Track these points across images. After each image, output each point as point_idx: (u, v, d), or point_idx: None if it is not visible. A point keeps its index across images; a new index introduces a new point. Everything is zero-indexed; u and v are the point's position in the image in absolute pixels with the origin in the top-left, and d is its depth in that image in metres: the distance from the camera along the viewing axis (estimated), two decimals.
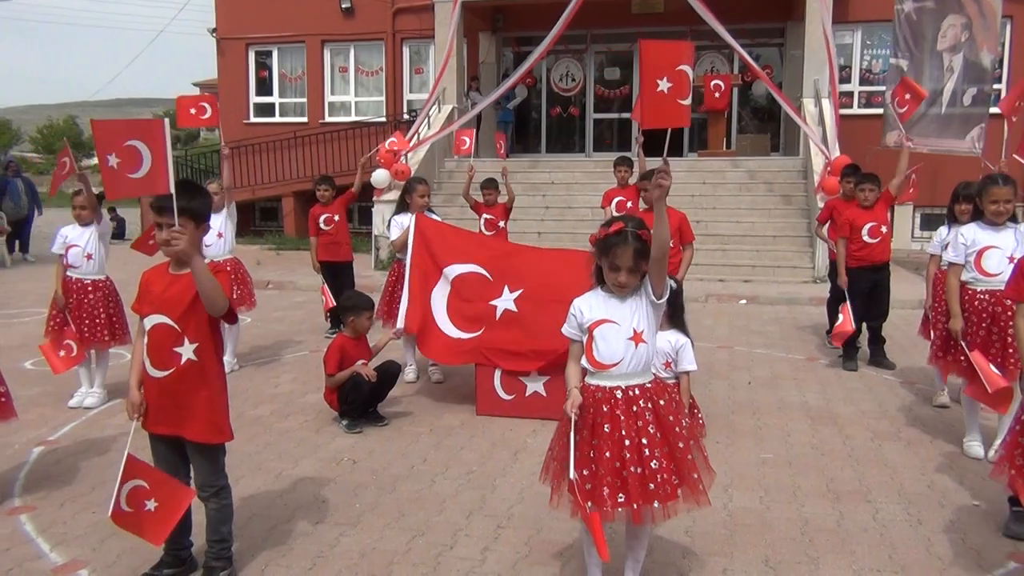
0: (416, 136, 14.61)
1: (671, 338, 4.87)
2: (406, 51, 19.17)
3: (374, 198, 13.74)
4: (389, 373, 5.79)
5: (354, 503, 4.39)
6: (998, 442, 4.96)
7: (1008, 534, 3.94)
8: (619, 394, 3.20)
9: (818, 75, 14.49)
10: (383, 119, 18.60)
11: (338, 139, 17.70)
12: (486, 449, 5.23)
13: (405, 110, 18.80)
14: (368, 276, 11.60)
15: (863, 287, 7.19)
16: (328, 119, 19.17)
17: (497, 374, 5.84)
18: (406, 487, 4.62)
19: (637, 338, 3.19)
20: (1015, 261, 4.61)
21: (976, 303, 4.93)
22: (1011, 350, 4.76)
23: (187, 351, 3.33)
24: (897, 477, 4.71)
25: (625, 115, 18.75)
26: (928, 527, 4.06)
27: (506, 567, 3.70)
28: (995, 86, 14.46)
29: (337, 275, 8.65)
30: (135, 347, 3.51)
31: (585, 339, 3.27)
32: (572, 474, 3.10)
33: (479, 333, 6.00)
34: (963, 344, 4.98)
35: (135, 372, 3.45)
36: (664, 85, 3.16)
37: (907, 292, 10.03)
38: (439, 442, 5.38)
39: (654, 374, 3.30)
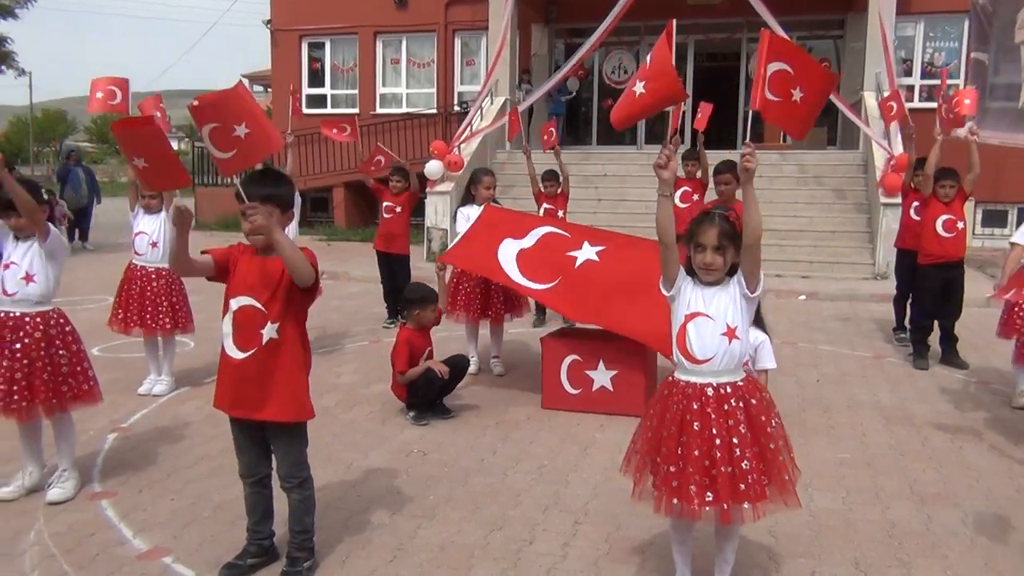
0: (469, 127, 14.58)
1: (750, 335, 4.76)
2: (457, 43, 19.15)
3: (427, 189, 13.74)
4: (459, 367, 5.77)
5: (428, 495, 4.37)
6: None
7: None
8: (710, 391, 3.13)
9: (879, 68, 14.17)
10: (434, 111, 18.62)
11: (389, 130, 17.73)
12: (555, 443, 5.18)
13: (456, 102, 18.80)
14: (420, 268, 11.56)
15: (935, 284, 7.02)
16: (379, 110, 19.23)
17: (564, 367, 5.78)
18: (478, 480, 4.59)
19: (731, 334, 3.12)
20: None
21: None
22: None
23: (270, 331, 3.32)
24: (983, 480, 4.57)
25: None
26: (1022, 534, 3.93)
27: (587, 564, 3.65)
28: None
29: (393, 267, 8.67)
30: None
31: (677, 331, 3.20)
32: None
33: (554, 284, 5.91)
34: None
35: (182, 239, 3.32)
36: (797, 95, 3.13)
37: (974, 290, 9.70)
38: (506, 435, 5.34)
39: (746, 372, 3.23)
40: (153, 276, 6.14)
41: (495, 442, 5.21)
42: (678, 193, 8.28)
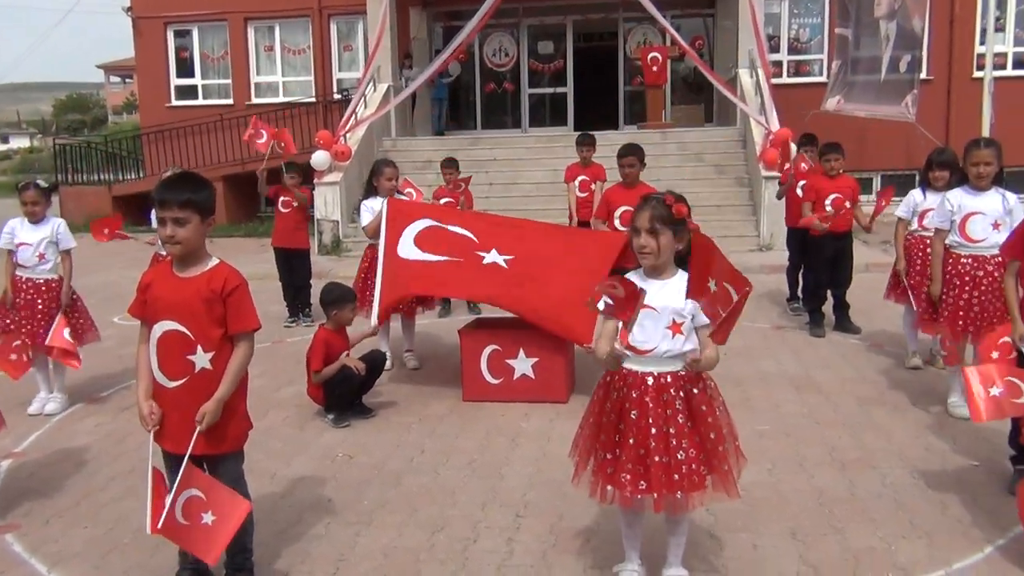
0: (354, 116, 14.24)
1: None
2: (333, 28, 18.67)
3: (315, 180, 13.36)
4: (376, 363, 5.64)
5: (361, 500, 4.25)
6: (953, 398, 5.12)
7: (1015, 493, 4.04)
8: (650, 380, 3.15)
9: (751, 45, 14.64)
10: (313, 99, 18.11)
11: (267, 121, 16.99)
12: (482, 436, 5.13)
13: (335, 89, 18.35)
14: (313, 262, 11.27)
15: (827, 254, 7.33)
16: (255, 100, 18.56)
17: (484, 358, 5.72)
18: (411, 480, 4.49)
19: (675, 328, 3.15)
20: (1002, 227, 4.75)
21: (960, 267, 5.03)
22: (988, 313, 4.89)
23: (201, 360, 3.13)
24: (894, 442, 4.80)
25: (560, 89, 18.71)
26: (937, 490, 4.14)
27: (536, 557, 3.62)
28: (920, 52, 14.94)
29: (292, 263, 8.41)
30: (139, 355, 3.27)
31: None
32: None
33: (457, 259, 5.81)
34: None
35: (143, 381, 3.23)
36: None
37: (857, 257, 10.24)
38: (432, 431, 5.25)
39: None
40: (43, 288, 5.72)
41: (421, 439, 5.11)
42: (577, 181, 8.36)
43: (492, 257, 5.84)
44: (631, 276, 3.22)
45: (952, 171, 5.59)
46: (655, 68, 15.47)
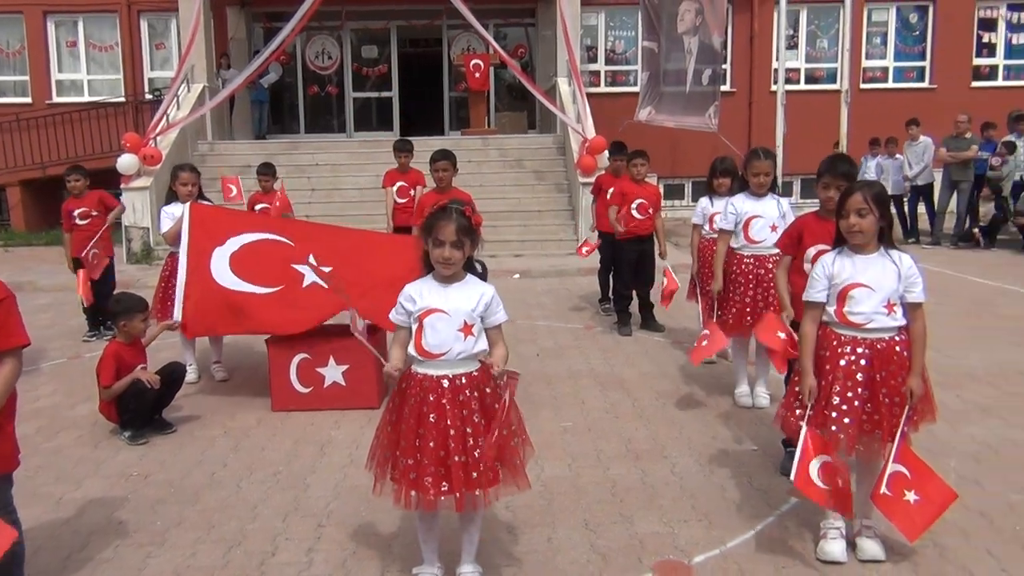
0: (165, 118, 13.59)
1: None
2: (144, 25, 17.71)
3: (122, 185, 12.66)
4: (174, 375, 5.41)
5: (155, 520, 4.07)
6: (759, 389, 5.56)
7: (785, 473, 4.37)
8: (445, 383, 3.22)
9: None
10: (122, 99, 17.12)
11: (71, 121, 16.06)
12: (290, 447, 5.04)
13: (147, 89, 17.44)
14: (122, 271, 10.69)
15: (631, 257, 7.70)
16: (57, 99, 17.32)
17: (293, 367, 5.62)
18: (210, 496, 4.35)
19: (467, 330, 3.22)
20: (779, 230, 5.16)
21: (743, 267, 5.43)
22: (772, 309, 5.30)
23: None
24: (685, 432, 5.11)
25: (386, 94, 18.63)
26: (719, 475, 4.45)
27: (334, 566, 3.60)
28: (723, 66, 15.98)
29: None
30: None
31: (415, 327, 3.24)
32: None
33: (277, 289, 5.69)
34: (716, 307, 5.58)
35: None
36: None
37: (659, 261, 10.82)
38: (237, 444, 5.11)
39: (480, 362, 3.34)
40: None
41: (225, 453, 4.96)
42: (395, 187, 8.38)
43: (311, 276, 5.73)
44: (415, 284, 3.27)
45: (733, 178, 6.02)
46: (478, 75, 15.70)
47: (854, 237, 3.48)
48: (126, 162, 12.56)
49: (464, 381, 3.23)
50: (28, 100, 17.30)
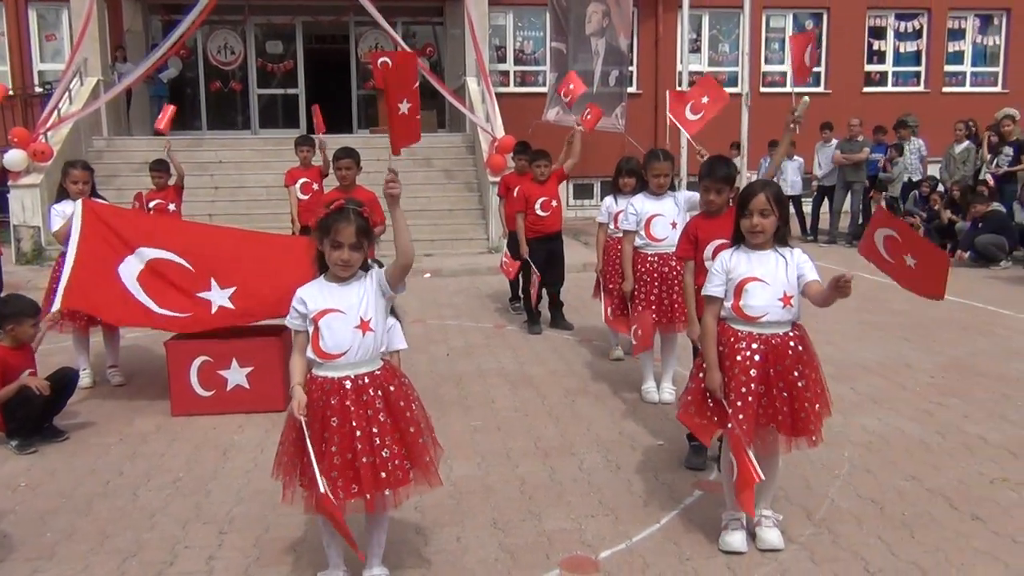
0: (56, 112, 12.99)
1: None
2: (32, 14, 16.87)
3: (10, 183, 12.05)
4: (65, 380, 5.17)
5: (44, 532, 3.88)
6: (665, 384, 5.67)
7: (689, 466, 4.50)
8: (348, 384, 3.17)
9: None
10: (10, 92, 16.25)
11: None
12: (190, 452, 4.88)
13: (36, 82, 16.62)
14: (10, 272, 10.21)
15: (540, 256, 7.73)
16: None
17: (193, 370, 5.45)
18: (104, 506, 4.17)
19: (364, 326, 3.16)
20: (678, 227, 5.29)
21: (648, 265, 5.52)
22: (677, 304, 5.42)
23: None
24: (593, 429, 5.17)
25: (292, 91, 18.27)
26: (625, 470, 4.52)
27: (237, 573, 3.50)
28: (630, 68, 16.24)
29: None
30: None
31: (311, 330, 3.18)
32: (321, 485, 3.02)
33: (187, 315, 5.54)
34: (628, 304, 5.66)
35: None
36: (404, 107, 3.22)
37: (571, 257, 10.91)
38: (134, 451, 4.92)
39: (383, 360, 3.30)
40: None
41: (121, 461, 4.77)
42: (299, 184, 8.22)
43: (219, 300, 5.58)
44: (308, 287, 3.21)
45: (638, 178, 6.13)
46: None
47: (755, 237, 3.57)
48: (14, 158, 11.95)
49: (367, 380, 3.19)
50: None
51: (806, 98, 4.91)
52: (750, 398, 3.50)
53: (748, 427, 3.49)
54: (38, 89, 16.29)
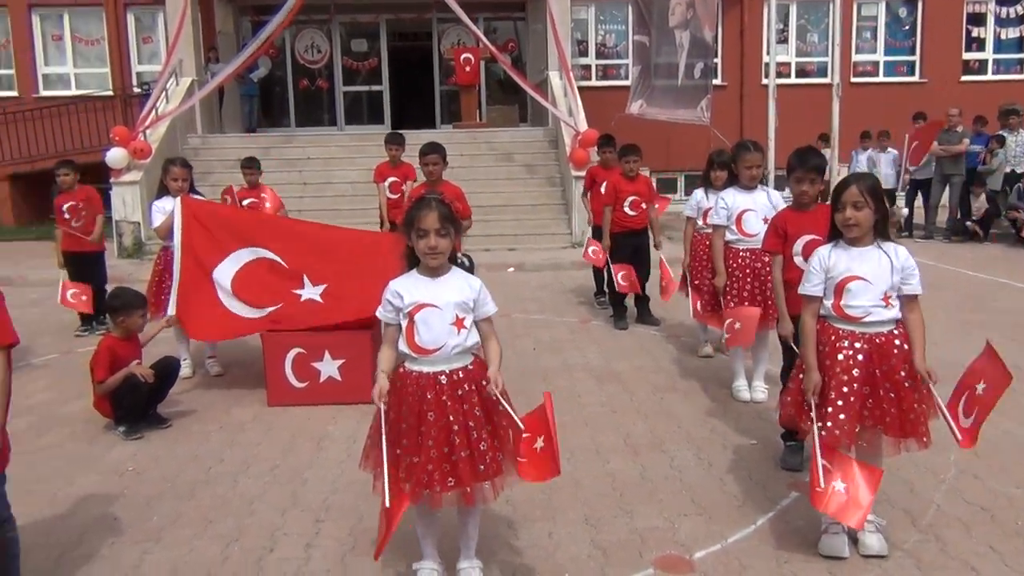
0: (154, 111, 13.48)
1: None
2: (130, 18, 17.57)
3: (112, 180, 12.57)
4: (168, 370, 5.36)
5: (151, 516, 4.03)
6: (757, 382, 5.55)
7: (785, 467, 4.40)
8: (443, 379, 3.18)
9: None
10: (110, 93, 16.98)
11: (59, 115, 15.92)
12: (286, 441, 5.00)
13: (135, 83, 17.30)
14: (113, 265, 10.61)
15: (626, 251, 7.67)
16: (44, 92, 17.17)
17: (288, 361, 5.58)
18: (206, 492, 4.31)
19: (459, 324, 3.18)
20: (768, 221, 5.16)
21: (740, 261, 5.42)
22: (770, 301, 5.29)
23: None
24: (683, 426, 5.10)
25: (376, 88, 18.56)
26: (718, 469, 4.44)
27: (333, 562, 3.58)
28: (715, 60, 15.94)
29: (84, 267, 7.86)
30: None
31: (405, 323, 3.21)
32: (386, 495, 3.03)
33: (276, 308, 5.72)
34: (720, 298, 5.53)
35: None
36: (539, 444, 3.22)
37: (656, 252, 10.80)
38: (233, 439, 5.07)
39: (473, 355, 3.31)
40: None
41: (221, 448, 4.92)
42: (387, 182, 8.33)
43: (307, 293, 5.79)
44: (401, 280, 3.23)
45: (729, 172, 6.00)
46: (468, 69, 15.66)
47: (850, 231, 3.46)
48: (115, 156, 12.47)
49: (461, 376, 3.20)
50: (14, 94, 17.15)
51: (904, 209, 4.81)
52: (852, 399, 3.40)
53: (848, 429, 3.39)
54: (136, 90, 16.94)
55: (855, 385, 3.41)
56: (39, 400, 5.91)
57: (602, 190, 8.13)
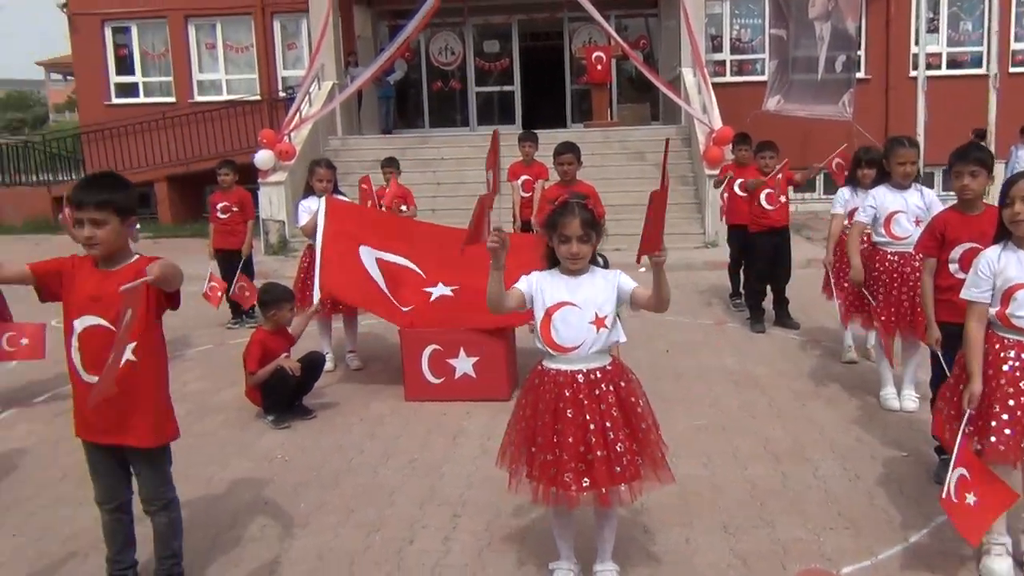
0: (298, 114, 14.08)
1: None
2: (276, 26, 18.42)
3: (259, 180, 13.22)
4: (314, 363, 5.59)
5: (298, 503, 4.22)
6: (907, 391, 5.27)
7: (939, 481, 4.13)
8: (580, 378, 3.17)
9: None
10: (258, 97, 17.87)
11: (211, 119, 16.90)
12: (423, 436, 5.12)
13: (280, 87, 18.13)
14: (259, 262, 11.14)
15: (766, 250, 7.45)
16: (198, 98, 18.24)
17: (425, 357, 5.71)
18: (349, 481, 4.47)
19: (599, 323, 3.17)
20: (921, 223, 4.88)
21: (888, 265, 5.15)
22: (919, 308, 5.01)
23: (125, 352, 3.06)
24: (826, 434, 4.90)
25: (508, 88, 18.75)
26: (866, 481, 4.25)
27: (471, 556, 3.63)
28: (858, 52, 15.28)
29: (234, 264, 8.28)
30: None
31: (541, 318, 3.22)
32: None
33: (409, 309, 5.93)
34: (867, 296, 5.27)
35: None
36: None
37: (795, 252, 10.42)
38: (372, 432, 5.23)
39: (612, 356, 3.29)
40: None
41: (361, 440, 5.09)
42: (520, 181, 8.39)
43: (439, 291, 5.98)
44: (544, 276, 3.24)
45: (879, 169, 5.73)
46: (599, 67, 15.58)
47: (1019, 227, 3.24)
48: (263, 158, 13.09)
49: (599, 375, 3.18)
50: (172, 100, 18.29)
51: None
52: (1019, 412, 3.18)
53: (1014, 445, 3.17)
54: (282, 94, 17.75)
55: (1022, 398, 3.19)
56: (195, 389, 6.28)
57: (736, 188, 7.95)
